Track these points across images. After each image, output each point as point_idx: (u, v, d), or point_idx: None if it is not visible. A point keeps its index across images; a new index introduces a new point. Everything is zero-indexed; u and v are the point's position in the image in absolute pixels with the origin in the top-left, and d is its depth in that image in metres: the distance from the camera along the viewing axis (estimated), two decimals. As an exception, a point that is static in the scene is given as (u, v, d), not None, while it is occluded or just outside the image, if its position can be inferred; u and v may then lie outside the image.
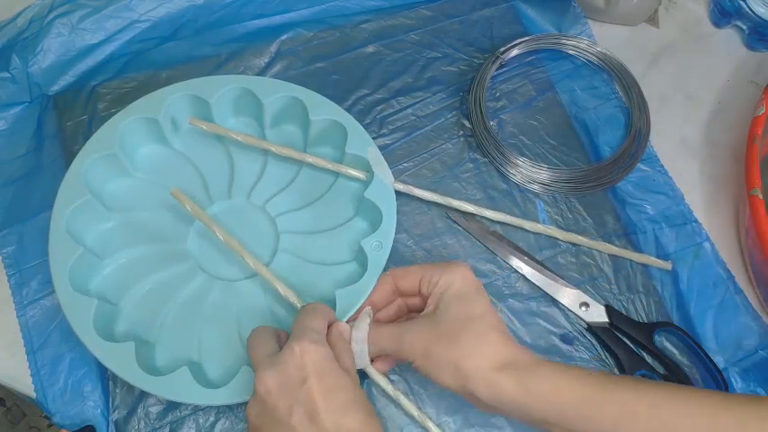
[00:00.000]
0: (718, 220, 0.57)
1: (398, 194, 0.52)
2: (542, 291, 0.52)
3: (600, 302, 0.52)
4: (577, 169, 0.56)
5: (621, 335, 0.51)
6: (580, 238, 0.53)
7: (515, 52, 0.60)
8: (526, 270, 0.53)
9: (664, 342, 0.51)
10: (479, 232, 0.54)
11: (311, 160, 0.52)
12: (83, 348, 0.45)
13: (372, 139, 0.53)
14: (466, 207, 0.53)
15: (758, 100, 0.52)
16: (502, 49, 0.60)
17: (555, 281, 0.52)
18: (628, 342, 0.50)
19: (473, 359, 0.39)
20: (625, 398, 0.37)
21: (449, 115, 0.58)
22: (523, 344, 0.50)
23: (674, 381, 0.49)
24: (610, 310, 0.51)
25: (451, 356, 0.39)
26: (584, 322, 0.51)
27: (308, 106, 0.52)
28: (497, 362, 0.39)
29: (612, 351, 0.50)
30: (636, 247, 0.54)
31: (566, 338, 0.51)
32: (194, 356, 0.47)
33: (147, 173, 0.53)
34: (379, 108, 0.58)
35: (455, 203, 0.53)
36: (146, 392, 0.47)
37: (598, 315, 0.51)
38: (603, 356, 0.51)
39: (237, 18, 0.60)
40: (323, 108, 0.53)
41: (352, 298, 0.46)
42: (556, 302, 0.52)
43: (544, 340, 0.51)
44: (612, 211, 0.56)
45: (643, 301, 0.53)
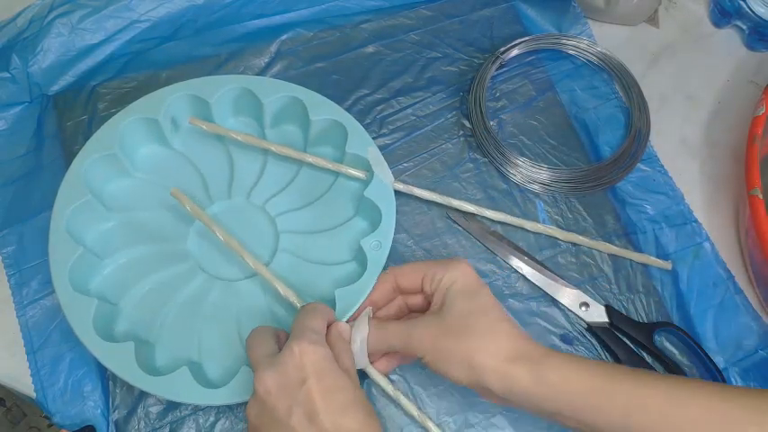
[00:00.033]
0: (718, 220, 0.57)
1: (398, 194, 0.52)
2: (542, 291, 0.52)
3: (600, 302, 0.52)
4: (577, 169, 0.56)
5: (621, 335, 0.51)
6: (580, 237, 0.53)
7: (515, 52, 0.60)
8: (526, 270, 0.53)
9: (664, 342, 0.51)
10: (479, 232, 0.54)
11: (311, 160, 0.52)
12: (83, 348, 0.45)
13: (372, 139, 0.53)
14: (466, 207, 0.53)
15: (758, 100, 0.52)
16: (502, 49, 0.60)
17: (555, 281, 0.52)
18: (628, 342, 0.50)
19: (485, 353, 0.39)
20: (635, 390, 0.37)
21: (449, 115, 0.58)
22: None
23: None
24: (610, 310, 0.51)
25: (463, 351, 0.39)
26: (585, 322, 0.51)
27: (308, 106, 0.52)
28: (509, 354, 0.39)
29: (612, 351, 0.50)
30: (636, 247, 0.54)
31: (566, 338, 0.51)
32: (194, 356, 0.48)
33: (147, 173, 0.53)
34: (379, 108, 0.58)
35: (455, 203, 0.53)
36: (146, 392, 0.47)
37: (598, 315, 0.51)
38: (603, 356, 0.51)
39: (237, 18, 0.60)
40: (323, 108, 0.53)
41: (351, 297, 0.46)
42: (556, 302, 0.52)
43: (544, 340, 0.51)
44: (612, 211, 0.55)
45: (643, 301, 0.52)
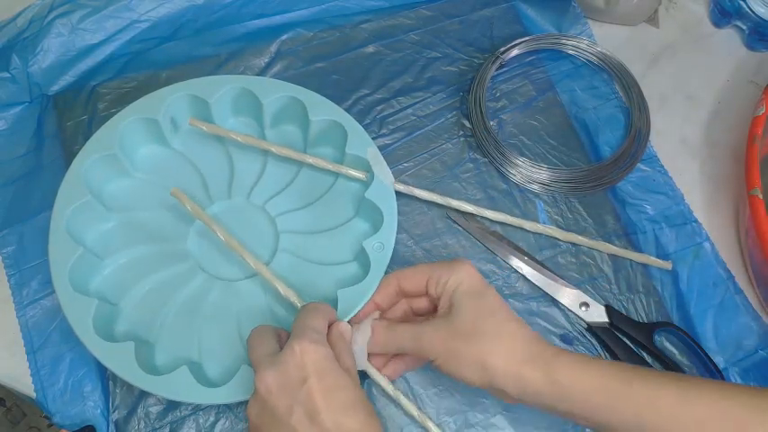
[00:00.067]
0: (718, 220, 0.57)
1: (398, 194, 0.52)
2: (542, 291, 0.52)
3: (600, 302, 0.52)
4: (577, 169, 0.56)
5: (621, 335, 0.51)
6: (580, 238, 0.53)
7: (515, 52, 0.60)
8: (526, 270, 0.53)
9: (664, 342, 0.51)
10: (479, 232, 0.54)
11: (311, 161, 0.52)
12: (83, 348, 0.45)
13: (372, 140, 0.53)
14: (466, 207, 0.53)
15: (758, 100, 0.52)
16: (502, 49, 0.60)
17: (555, 281, 0.52)
18: (628, 342, 0.50)
19: (497, 355, 0.39)
20: (647, 390, 0.37)
21: (449, 115, 0.58)
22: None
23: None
24: (610, 310, 0.51)
25: (474, 354, 0.39)
26: (585, 322, 0.51)
27: (308, 106, 0.52)
28: (521, 355, 0.39)
29: (612, 351, 0.50)
30: (636, 247, 0.54)
31: (566, 338, 0.51)
32: (194, 356, 0.48)
33: (147, 173, 0.53)
34: (379, 108, 0.58)
35: (455, 203, 0.53)
36: (146, 392, 0.47)
37: (598, 315, 0.51)
38: (603, 356, 0.51)
39: (237, 18, 0.60)
40: (322, 108, 0.53)
41: (354, 298, 0.46)
42: (556, 302, 0.52)
43: (544, 340, 0.51)
44: (612, 211, 0.55)
45: (643, 301, 0.52)
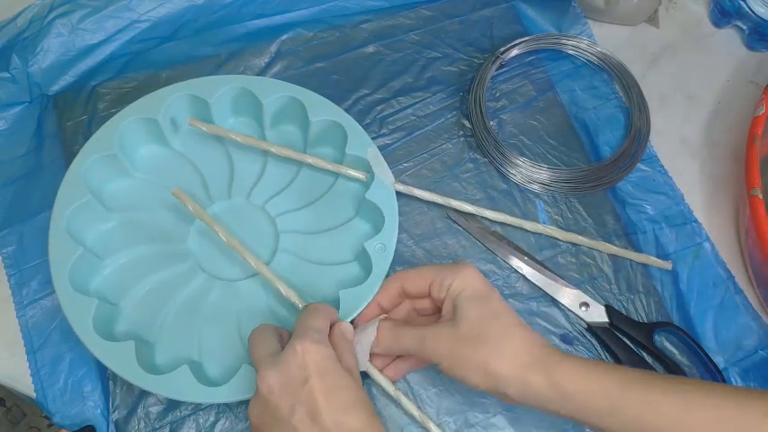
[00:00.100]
0: (718, 220, 0.57)
1: (398, 194, 0.52)
2: (542, 291, 0.52)
3: (600, 302, 0.52)
4: (577, 169, 0.56)
5: (621, 335, 0.51)
6: (580, 238, 0.53)
7: (515, 52, 0.60)
8: (526, 270, 0.53)
9: (664, 342, 0.52)
10: (479, 232, 0.54)
11: (311, 161, 0.52)
12: (83, 348, 0.45)
13: (372, 140, 0.53)
14: (466, 207, 0.53)
15: (758, 100, 0.52)
16: (502, 49, 0.60)
17: (555, 281, 0.52)
18: (628, 342, 0.50)
19: (501, 360, 0.39)
20: (649, 395, 0.37)
21: (449, 115, 0.58)
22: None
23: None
24: (610, 310, 0.51)
25: (478, 358, 0.39)
26: (585, 322, 0.51)
27: (308, 106, 0.52)
28: (525, 360, 0.39)
29: (612, 351, 0.50)
30: (636, 247, 0.54)
31: (566, 338, 0.51)
32: (194, 356, 0.47)
33: (147, 173, 0.53)
34: (379, 108, 0.58)
35: (455, 204, 0.53)
36: (146, 392, 0.47)
37: (598, 315, 0.51)
38: (603, 356, 0.51)
39: (237, 18, 0.60)
40: (322, 108, 0.53)
41: (356, 299, 0.46)
42: (556, 302, 0.52)
43: (544, 340, 0.51)
44: (612, 211, 0.56)
45: (643, 301, 0.53)
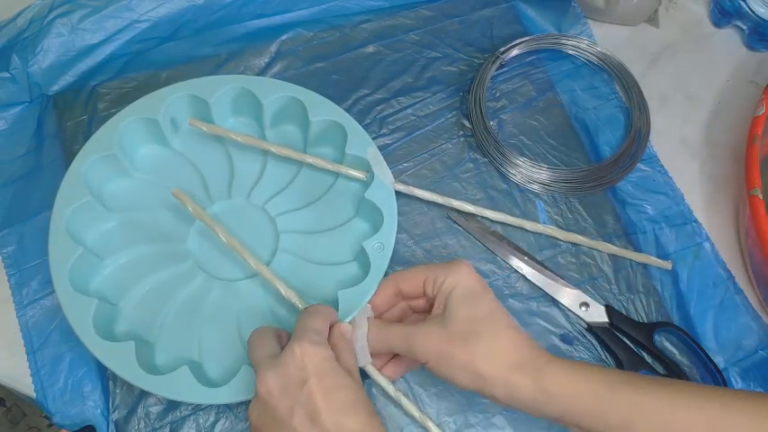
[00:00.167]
0: (718, 220, 0.57)
1: (398, 194, 0.52)
2: (542, 291, 0.52)
3: (600, 302, 0.52)
4: (577, 169, 0.56)
5: (621, 335, 0.51)
6: (580, 237, 0.53)
7: (515, 52, 0.60)
8: (526, 270, 0.53)
9: (664, 342, 0.51)
10: (479, 232, 0.54)
11: (311, 161, 0.52)
12: (83, 348, 0.45)
13: (372, 140, 0.53)
14: (466, 207, 0.53)
15: (758, 100, 0.52)
16: (502, 49, 0.60)
17: (555, 281, 0.52)
18: (628, 342, 0.50)
19: (488, 361, 0.39)
20: (636, 397, 0.37)
21: (449, 115, 0.58)
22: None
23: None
24: (610, 310, 0.51)
25: (466, 358, 0.39)
26: (585, 322, 0.51)
27: (308, 106, 0.52)
28: (512, 362, 0.39)
29: (612, 351, 0.50)
30: (636, 247, 0.54)
31: (566, 338, 0.51)
32: (194, 356, 0.48)
33: (147, 173, 0.53)
34: (379, 108, 0.58)
35: (455, 203, 0.53)
36: (146, 392, 0.47)
37: (598, 315, 0.51)
38: (603, 356, 0.51)
39: (237, 18, 0.60)
40: (322, 108, 0.53)
41: (354, 299, 0.46)
42: (556, 302, 0.52)
43: (544, 340, 0.51)
44: (612, 211, 0.56)
45: (643, 301, 0.53)
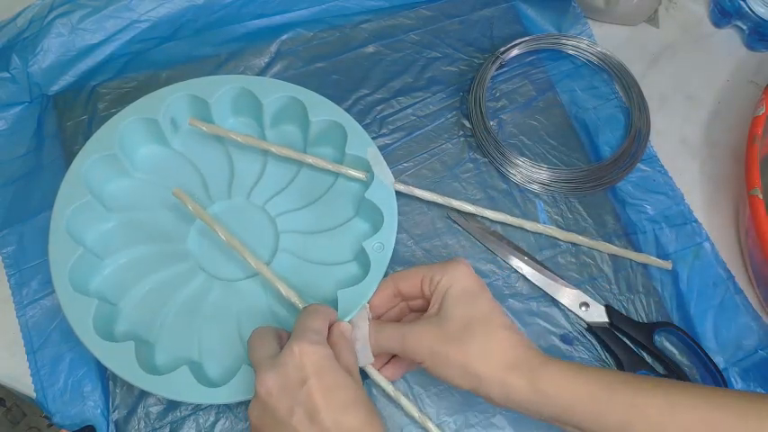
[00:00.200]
0: (718, 220, 0.57)
1: (398, 194, 0.52)
2: (542, 291, 0.52)
3: (600, 302, 0.52)
4: (577, 169, 0.56)
5: (621, 335, 0.51)
6: (580, 237, 0.53)
7: (515, 52, 0.60)
8: (526, 270, 0.53)
9: (664, 342, 0.51)
10: (479, 232, 0.54)
11: (311, 161, 0.52)
12: (83, 348, 0.45)
13: (372, 140, 0.53)
14: (466, 207, 0.53)
15: (758, 100, 0.52)
16: (502, 49, 0.60)
17: (555, 281, 0.52)
18: (628, 342, 0.50)
19: (483, 361, 0.39)
20: (633, 398, 0.37)
21: (449, 115, 0.58)
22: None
23: (674, 381, 0.49)
24: (610, 310, 0.51)
25: (461, 358, 0.39)
26: (585, 322, 0.51)
27: (308, 106, 0.52)
28: (508, 362, 0.39)
29: (612, 351, 0.50)
30: (636, 247, 0.54)
31: (566, 338, 0.51)
32: (194, 356, 0.48)
33: (147, 173, 0.53)
34: (379, 108, 0.58)
35: (455, 203, 0.53)
36: (146, 392, 0.47)
37: (598, 315, 0.51)
38: (603, 356, 0.51)
39: (237, 18, 0.60)
40: (322, 108, 0.53)
41: (354, 299, 0.46)
42: (556, 302, 0.52)
43: (544, 340, 0.51)
44: (612, 211, 0.55)
45: (643, 301, 0.52)
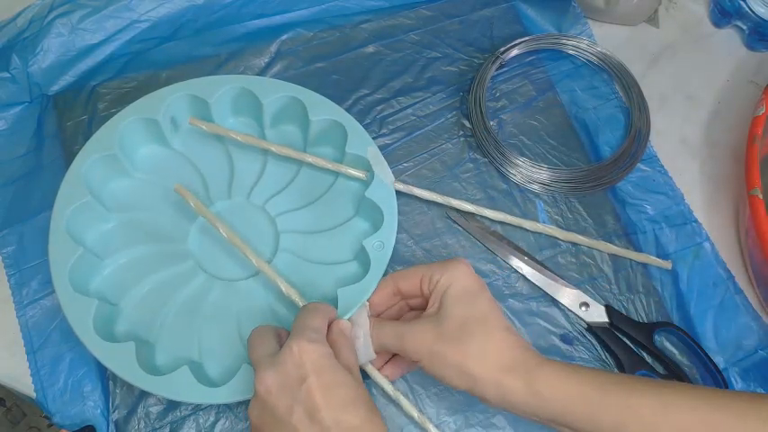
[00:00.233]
0: (718, 220, 0.57)
1: (398, 194, 0.52)
2: (542, 291, 0.52)
3: (600, 302, 0.52)
4: (577, 169, 0.56)
5: (621, 335, 0.51)
6: (580, 237, 0.53)
7: (515, 52, 0.60)
8: (526, 270, 0.53)
9: (664, 342, 0.51)
10: (479, 232, 0.54)
11: (311, 160, 0.52)
12: (83, 348, 0.45)
13: (372, 139, 0.53)
14: (466, 207, 0.53)
15: (758, 100, 0.52)
16: (502, 49, 0.60)
17: (555, 281, 0.52)
18: (628, 342, 0.50)
19: (480, 362, 0.39)
20: (627, 399, 0.37)
21: (449, 115, 0.58)
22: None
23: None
24: (610, 310, 0.51)
25: (458, 358, 0.39)
26: (585, 322, 0.51)
27: (308, 106, 0.52)
28: (504, 364, 0.39)
29: (612, 351, 0.50)
30: (636, 247, 0.54)
31: (566, 338, 0.51)
32: (194, 356, 0.48)
33: (147, 173, 0.53)
34: (379, 108, 0.58)
35: (455, 203, 0.53)
36: (146, 392, 0.47)
37: (598, 315, 0.51)
38: (603, 356, 0.51)
39: (237, 18, 0.60)
40: (322, 108, 0.53)
41: (354, 297, 0.46)
42: (556, 302, 0.52)
43: (544, 340, 0.51)
44: (612, 211, 0.55)
45: (643, 301, 0.52)
